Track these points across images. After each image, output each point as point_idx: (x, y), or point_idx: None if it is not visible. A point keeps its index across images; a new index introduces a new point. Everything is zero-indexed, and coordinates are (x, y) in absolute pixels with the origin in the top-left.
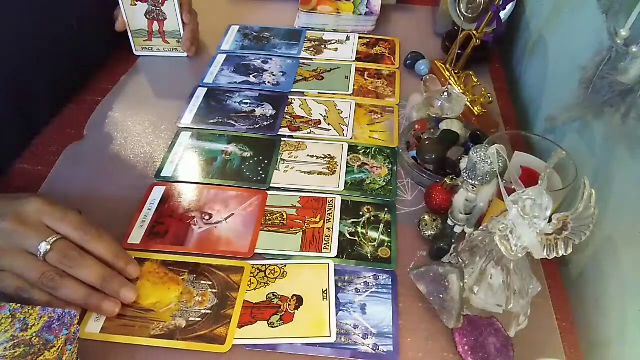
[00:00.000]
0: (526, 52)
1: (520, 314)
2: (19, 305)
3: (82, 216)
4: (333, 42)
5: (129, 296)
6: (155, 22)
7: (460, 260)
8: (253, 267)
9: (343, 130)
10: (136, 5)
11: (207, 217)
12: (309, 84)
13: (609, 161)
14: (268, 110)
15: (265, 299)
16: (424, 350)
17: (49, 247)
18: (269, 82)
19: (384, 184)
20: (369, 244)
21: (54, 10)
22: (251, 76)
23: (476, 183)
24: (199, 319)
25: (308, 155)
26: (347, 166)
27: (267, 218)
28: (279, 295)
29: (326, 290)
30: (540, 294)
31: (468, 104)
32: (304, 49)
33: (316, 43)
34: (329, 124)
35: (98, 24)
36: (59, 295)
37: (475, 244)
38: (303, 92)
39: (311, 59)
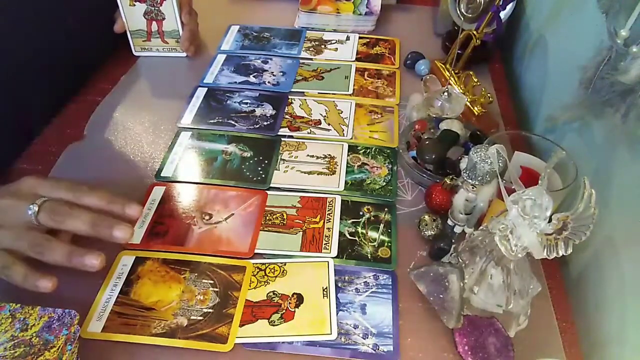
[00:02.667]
0: (526, 52)
1: (520, 314)
2: (18, 305)
3: (73, 180)
4: (333, 42)
5: (121, 234)
6: (154, 22)
7: (460, 260)
8: (253, 266)
9: (343, 130)
10: (135, 5)
11: (207, 217)
12: (309, 84)
13: (609, 161)
14: (268, 110)
15: (266, 298)
16: (424, 350)
17: (37, 208)
18: (269, 82)
19: (384, 184)
20: (369, 244)
21: (54, 11)
22: (251, 76)
23: (476, 183)
24: (201, 318)
25: (308, 155)
26: (347, 166)
27: (267, 218)
28: (279, 294)
29: (326, 288)
30: (540, 294)
31: (468, 104)
32: (304, 49)
33: (316, 43)
34: (329, 124)
35: (98, 24)
36: (47, 261)
37: (475, 244)
38: (303, 92)
39: (311, 59)
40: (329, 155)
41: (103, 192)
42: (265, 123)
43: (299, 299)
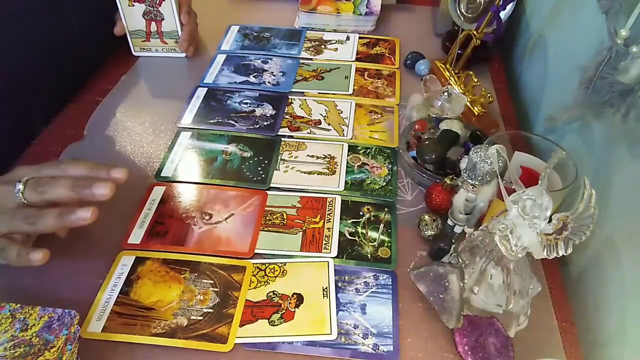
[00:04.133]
0: (526, 52)
1: (520, 314)
2: (19, 305)
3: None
4: (333, 42)
5: (103, 189)
6: (153, 23)
7: (460, 260)
8: (253, 266)
9: (343, 130)
10: (134, 5)
11: (207, 217)
12: (309, 84)
13: (609, 161)
14: (268, 110)
15: (266, 298)
16: (424, 350)
17: (22, 186)
18: (269, 82)
19: (384, 184)
20: (369, 244)
21: (55, 11)
22: (251, 76)
23: (476, 183)
24: (201, 318)
25: (308, 155)
26: (347, 166)
27: (267, 218)
28: (279, 294)
29: (326, 288)
30: (540, 294)
31: (468, 104)
32: (304, 49)
33: (316, 43)
34: (329, 124)
35: (98, 25)
36: (38, 229)
37: (475, 244)
38: (303, 92)
39: (311, 59)
40: (329, 155)
41: (86, 161)
42: (265, 123)
43: (299, 299)
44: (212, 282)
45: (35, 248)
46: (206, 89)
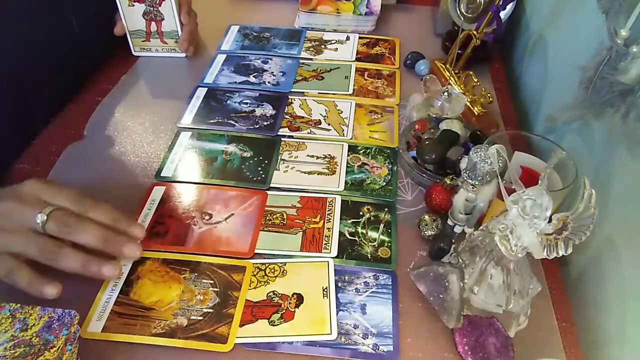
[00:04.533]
0: (526, 52)
1: (520, 314)
2: (18, 305)
3: (77, 189)
4: (333, 42)
5: (133, 252)
6: (153, 23)
7: (460, 260)
8: (253, 266)
9: (343, 130)
10: (134, 5)
11: (207, 217)
12: (309, 84)
13: (609, 161)
14: (268, 110)
15: (266, 298)
16: (424, 350)
17: (45, 217)
18: (269, 82)
19: (384, 184)
20: (369, 244)
21: (55, 11)
22: (251, 76)
23: (476, 183)
24: (201, 318)
25: (308, 155)
26: (347, 166)
27: (267, 218)
28: (279, 294)
29: (326, 288)
30: (540, 294)
31: (468, 104)
32: (304, 49)
33: (316, 43)
34: (329, 124)
35: (98, 25)
36: (59, 267)
37: (475, 244)
38: (303, 92)
39: (311, 59)
40: (329, 155)
41: (107, 207)
42: (265, 123)
43: (299, 299)
44: (212, 282)
45: (50, 281)
46: (206, 89)
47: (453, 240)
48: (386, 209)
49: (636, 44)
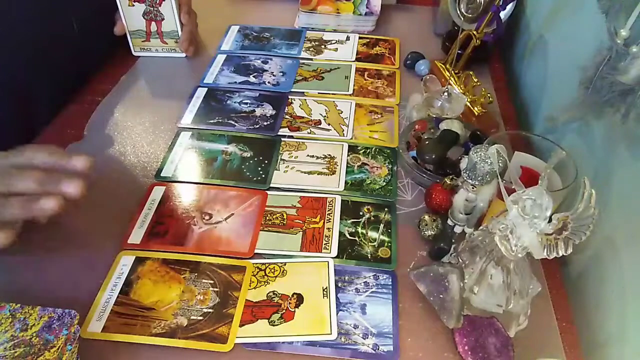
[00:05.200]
0: (526, 52)
1: (520, 314)
2: (18, 305)
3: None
4: (333, 42)
5: (72, 188)
6: (153, 23)
7: (460, 260)
8: (253, 266)
9: (343, 130)
10: (134, 5)
11: (207, 217)
12: (309, 84)
13: (609, 161)
14: (268, 110)
15: (266, 298)
16: (424, 350)
17: None
18: (269, 82)
19: (384, 184)
20: (369, 244)
21: (55, 11)
22: (251, 76)
23: (476, 183)
24: (201, 318)
25: (308, 155)
26: (347, 166)
27: (267, 218)
28: (279, 294)
29: (326, 288)
30: (540, 294)
31: (468, 104)
32: (304, 49)
33: (316, 43)
34: (329, 124)
35: (98, 25)
36: (5, 218)
37: (475, 244)
38: (303, 92)
39: (311, 59)
40: (329, 155)
41: (47, 148)
42: (265, 123)
43: (299, 299)
44: (212, 282)
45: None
46: (206, 89)
47: (453, 240)
48: (386, 209)
49: (636, 44)
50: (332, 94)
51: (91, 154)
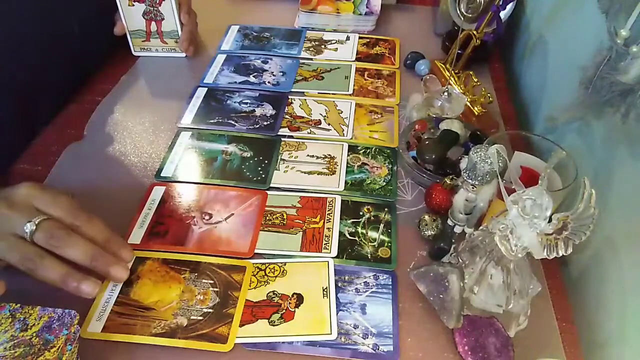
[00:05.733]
0: (526, 52)
1: (520, 314)
2: (18, 305)
3: (73, 200)
4: (333, 42)
5: (120, 274)
6: (153, 23)
7: (460, 260)
8: (253, 266)
9: (343, 130)
10: (133, 5)
11: (207, 217)
12: (309, 84)
13: (609, 161)
14: (268, 110)
15: (266, 298)
16: (424, 350)
17: (34, 227)
18: (269, 82)
19: (384, 184)
20: (369, 244)
21: (55, 11)
22: (251, 76)
23: (476, 183)
24: (201, 318)
25: (308, 155)
26: (347, 166)
27: (267, 218)
28: (279, 294)
29: (326, 288)
30: (540, 294)
31: (468, 104)
32: (304, 49)
33: (316, 43)
34: (329, 124)
35: (98, 25)
36: (37, 277)
37: (475, 244)
38: (303, 92)
39: (311, 59)
40: (329, 155)
41: (101, 224)
42: (265, 123)
43: (299, 299)
44: (212, 282)
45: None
46: (206, 89)
47: (453, 240)
48: (386, 209)
49: (636, 44)
50: (332, 94)
51: (91, 154)
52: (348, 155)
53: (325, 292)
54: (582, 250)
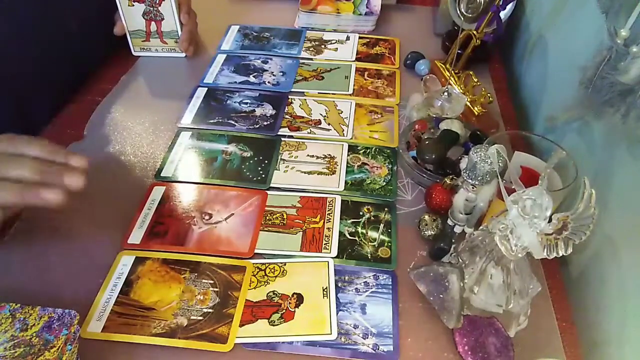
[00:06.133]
0: (526, 52)
1: (520, 314)
2: (18, 305)
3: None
4: (333, 42)
5: (75, 181)
6: (153, 23)
7: (460, 260)
8: (253, 266)
9: (343, 130)
10: (133, 5)
11: (207, 217)
12: (309, 84)
13: (609, 161)
14: (268, 110)
15: (266, 298)
16: (424, 350)
17: None
18: (269, 82)
19: (384, 184)
20: (369, 244)
21: (55, 12)
22: (251, 76)
23: (476, 183)
24: (201, 318)
25: (308, 155)
26: (347, 166)
27: (267, 218)
28: (279, 294)
29: (326, 288)
30: (540, 294)
31: (468, 104)
32: (304, 49)
33: (316, 43)
34: (329, 124)
35: (98, 25)
36: (13, 174)
37: (475, 244)
38: (303, 92)
39: (311, 59)
40: (329, 155)
41: (42, 142)
42: (265, 123)
43: (299, 299)
44: (212, 282)
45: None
46: (206, 89)
47: (453, 240)
48: (386, 209)
49: (636, 44)
50: (332, 93)
51: (91, 154)
52: (348, 155)
53: (325, 292)
54: (582, 250)
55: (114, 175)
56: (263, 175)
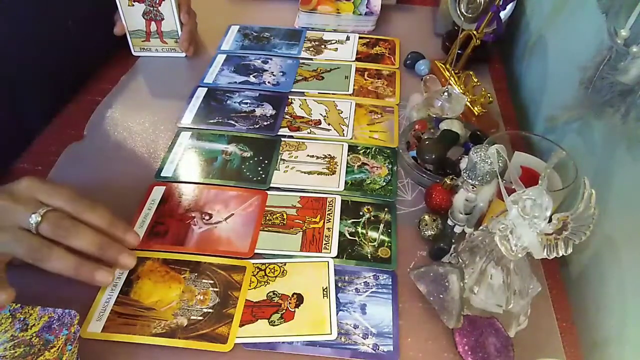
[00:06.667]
0: (526, 52)
1: (520, 314)
2: (18, 305)
3: (74, 189)
4: (333, 42)
5: (128, 262)
6: (153, 23)
7: (460, 260)
8: (253, 266)
9: (343, 130)
10: (133, 5)
11: (207, 217)
12: (309, 84)
13: (609, 161)
14: (268, 110)
15: (266, 298)
16: (424, 350)
17: (39, 218)
18: (269, 82)
19: (384, 184)
20: (369, 244)
21: (54, 11)
22: (251, 76)
23: (476, 183)
24: (201, 318)
25: (308, 155)
26: (347, 166)
27: (267, 218)
28: (279, 294)
29: (326, 288)
30: (540, 294)
31: (468, 104)
32: (304, 49)
33: (316, 43)
34: (329, 124)
35: (98, 25)
36: (47, 268)
37: (475, 244)
38: (303, 92)
39: (311, 59)
40: (329, 155)
41: (104, 210)
42: (265, 123)
43: (299, 299)
44: (212, 282)
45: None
46: (206, 89)
47: (453, 240)
48: (386, 209)
49: (636, 44)
50: (332, 94)
51: (91, 154)
52: (348, 155)
53: (325, 292)
54: (582, 250)
55: (114, 175)
56: (263, 175)
